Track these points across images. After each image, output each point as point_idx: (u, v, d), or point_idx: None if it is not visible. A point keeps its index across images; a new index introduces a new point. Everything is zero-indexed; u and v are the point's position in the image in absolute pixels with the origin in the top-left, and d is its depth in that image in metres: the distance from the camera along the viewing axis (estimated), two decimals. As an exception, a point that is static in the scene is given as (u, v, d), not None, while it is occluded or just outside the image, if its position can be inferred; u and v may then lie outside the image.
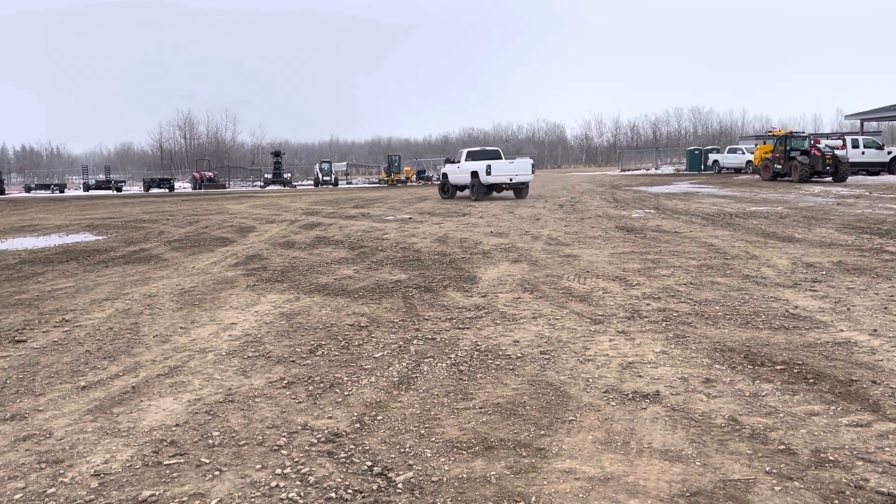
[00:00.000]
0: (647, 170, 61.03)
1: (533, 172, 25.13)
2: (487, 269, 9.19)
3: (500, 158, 25.51)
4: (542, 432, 3.79)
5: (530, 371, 4.85)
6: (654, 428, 3.81)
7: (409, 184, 53.38)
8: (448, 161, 28.17)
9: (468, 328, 6.09)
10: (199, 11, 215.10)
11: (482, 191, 24.79)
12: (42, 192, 60.08)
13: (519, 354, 5.24)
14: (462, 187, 26.50)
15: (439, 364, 5.05)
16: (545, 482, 3.22)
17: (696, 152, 52.47)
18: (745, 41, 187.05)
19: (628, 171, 62.53)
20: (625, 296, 7.24)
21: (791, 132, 33.65)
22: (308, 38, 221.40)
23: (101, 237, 15.48)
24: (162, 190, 55.34)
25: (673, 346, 5.34)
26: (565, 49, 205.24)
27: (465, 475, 3.30)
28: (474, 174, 24.65)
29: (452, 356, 5.24)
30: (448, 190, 27.21)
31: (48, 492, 3.21)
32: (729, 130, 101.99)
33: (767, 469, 3.29)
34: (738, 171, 43.75)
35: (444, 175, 27.61)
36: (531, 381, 4.63)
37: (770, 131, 39.54)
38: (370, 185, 56.06)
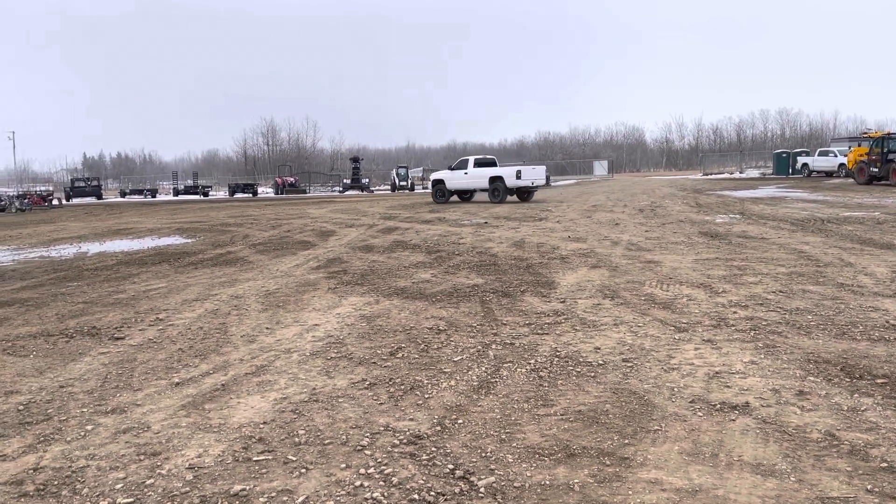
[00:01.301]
0: (731, 173, 59.07)
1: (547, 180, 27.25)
2: (566, 275, 9.10)
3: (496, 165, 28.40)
4: (626, 441, 3.71)
5: (612, 379, 4.77)
6: (745, 441, 3.67)
7: (484, 188, 53.37)
8: (450, 168, 29.51)
9: (547, 334, 6.04)
10: (281, 22, 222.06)
11: (506, 194, 26.52)
12: (136, 196, 63.19)
13: (600, 361, 5.16)
14: (462, 192, 28.61)
15: (519, 369, 5.03)
16: (630, 492, 3.15)
17: (784, 155, 50.38)
18: (836, 39, 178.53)
19: (711, 174, 60.68)
20: (710, 303, 7.02)
21: (889, 133, 31.82)
22: (386, 46, 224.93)
23: (190, 240, 16.16)
24: (246, 195, 57.27)
25: (763, 357, 5.14)
26: (644, 52, 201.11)
27: (547, 482, 3.27)
28: (498, 179, 26.48)
29: (532, 362, 5.20)
30: (444, 195, 28.60)
31: (147, 482, 3.37)
32: (819, 132, 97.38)
33: (868, 487, 3.12)
34: (829, 174, 41.78)
35: (440, 181, 28.95)
36: (613, 389, 4.55)
37: (866, 133, 37.59)
38: (446, 189, 56.33)
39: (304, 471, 3.45)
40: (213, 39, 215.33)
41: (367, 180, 61.39)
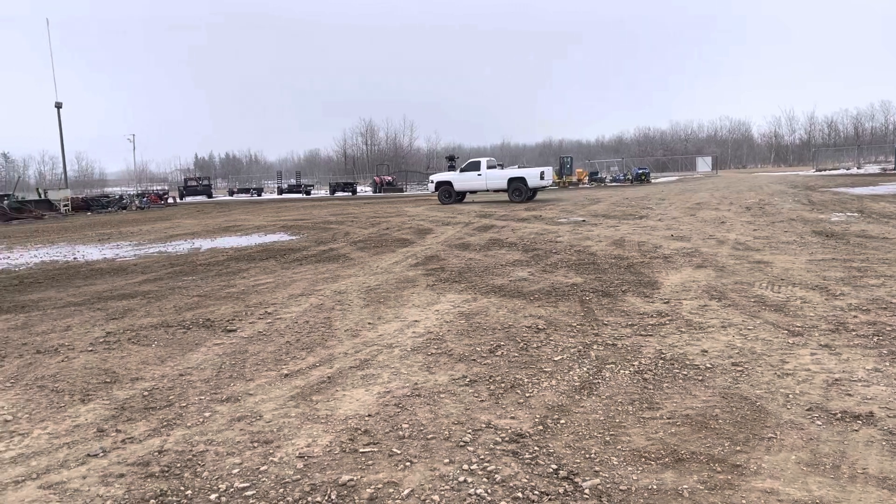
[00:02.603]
0: (847, 169, 55.55)
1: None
2: (669, 275, 8.83)
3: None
4: (738, 448, 3.57)
5: (721, 383, 4.59)
6: (869, 452, 3.45)
7: (580, 186, 52.61)
8: (451, 169, 31.18)
9: (651, 335, 5.88)
10: (383, 28, 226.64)
11: (527, 194, 28.36)
12: (242, 195, 66.18)
13: (708, 365, 4.98)
14: (463, 193, 29.96)
15: (622, 371, 4.93)
16: (744, 501, 3.03)
17: (908, 149, 46.89)
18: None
19: (824, 170, 57.30)
20: (827, 306, 6.64)
21: None
22: (479, 46, 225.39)
23: (294, 237, 16.75)
24: (345, 193, 58.85)
25: (888, 364, 4.81)
26: (752, 44, 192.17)
27: (654, 486, 3.19)
28: (520, 179, 28.30)
29: (636, 363, 5.08)
30: (451, 195, 29.71)
31: (261, 469, 3.52)
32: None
33: None
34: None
35: (446, 183, 30.10)
36: (723, 394, 4.38)
37: None
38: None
39: (408, 464, 3.51)
40: (317, 45, 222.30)
41: (463, 178, 61.63)
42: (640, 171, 56.34)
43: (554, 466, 3.43)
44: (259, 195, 64.31)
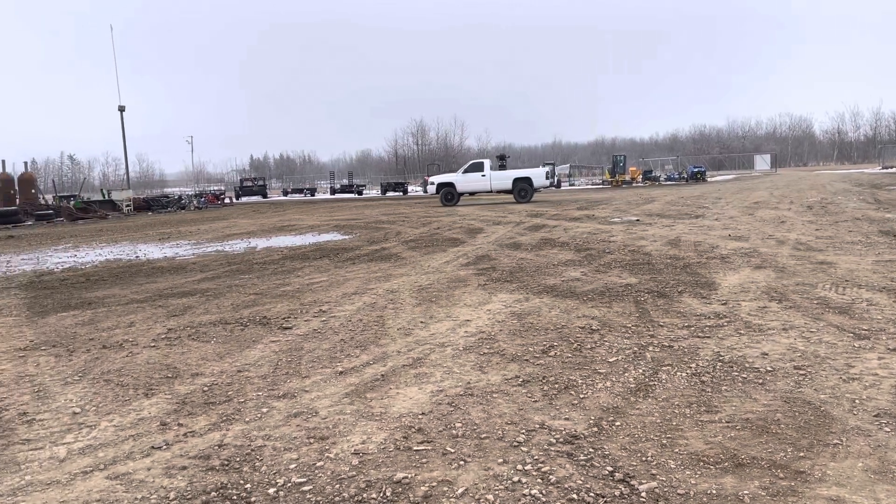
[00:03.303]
0: (916, 166, 53.31)
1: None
2: (727, 275, 8.62)
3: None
4: (802, 454, 3.46)
5: (783, 387, 4.46)
6: (943, 462, 3.30)
7: (634, 184, 51.82)
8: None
9: (708, 337, 5.75)
10: (433, 29, 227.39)
11: (532, 193, 29.91)
12: (296, 195, 67.34)
13: (769, 368, 4.85)
14: (467, 194, 30.87)
15: (678, 373, 4.84)
16: (808, 509, 2.94)
17: (982, 144, 44.72)
18: None
19: (892, 168, 55.09)
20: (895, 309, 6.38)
21: None
22: (530, 44, 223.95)
23: (347, 237, 16.96)
24: (396, 193, 59.30)
25: (962, 370, 4.60)
26: (814, 38, 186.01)
27: (713, 491, 3.12)
28: (525, 179, 29.74)
29: (693, 366, 4.98)
30: (453, 197, 30.42)
31: (317, 465, 3.58)
32: None
33: None
34: None
35: (448, 184, 30.71)
36: (785, 398, 4.25)
37: None
38: (593, 186, 55.28)
39: (462, 463, 3.52)
40: (370, 46, 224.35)
41: (514, 178, 61.45)
42: (696, 170, 55.20)
43: (609, 468, 3.39)
44: (312, 195, 65.33)
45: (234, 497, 3.26)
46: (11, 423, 4.43)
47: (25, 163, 46.55)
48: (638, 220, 17.77)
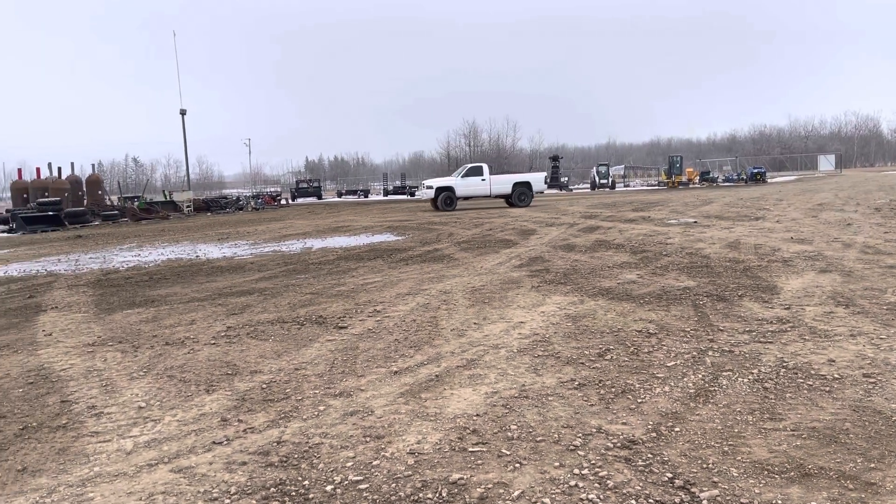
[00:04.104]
0: None
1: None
2: (789, 279, 8.36)
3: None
4: (872, 465, 3.32)
5: (851, 395, 4.30)
6: None
7: (690, 186, 50.77)
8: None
9: (771, 342, 5.59)
10: (485, 26, 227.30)
11: (531, 198, 30.42)
12: (350, 196, 68.20)
13: (836, 375, 4.68)
14: (461, 198, 30.39)
15: (740, 379, 4.71)
16: (880, 523, 2.82)
17: None
18: None
19: (965, 167, 52.57)
20: (972, 316, 6.09)
21: None
22: (584, 41, 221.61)
23: (399, 237, 17.08)
24: (448, 194, 59.33)
25: None
26: (878, 33, 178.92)
27: (779, 501, 3.03)
28: (525, 184, 30.29)
29: (755, 371, 4.84)
30: (453, 202, 29.79)
31: (373, 463, 3.61)
32: None
33: None
34: None
35: (448, 188, 30.02)
36: (854, 407, 4.10)
37: None
38: (649, 187, 54.35)
39: (518, 465, 3.50)
40: (421, 47, 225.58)
41: (566, 179, 60.98)
42: (756, 171, 53.75)
43: (669, 475, 3.32)
44: (366, 196, 66.08)
45: (293, 493, 3.31)
46: (81, 415, 4.59)
47: (93, 165, 48.41)
48: (695, 221, 17.40)
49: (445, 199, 29.75)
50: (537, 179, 30.92)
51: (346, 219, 26.99)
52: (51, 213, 31.12)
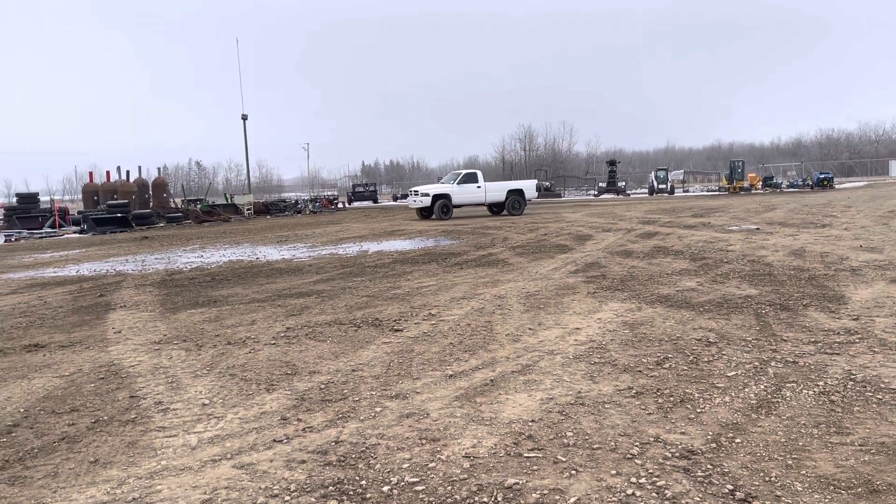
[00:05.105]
0: None
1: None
2: (858, 289, 8.07)
3: None
4: (947, 485, 3.19)
5: (924, 411, 4.13)
6: None
7: (753, 191, 49.42)
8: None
9: (838, 354, 5.41)
10: (539, 27, 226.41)
11: (524, 206, 30.10)
12: (405, 200, 68.60)
13: (908, 389, 4.50)
14: (459, 206, 29.31)
15: (804, 391, 4.58)
16: (955, 545, 2.70)
17: None
18: None
19: None
20: None
21: None
22: (643, 42, 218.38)
23: (454, 241, 17.14)
24: (503, 199, 59.17)
25: None
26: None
27: (845, 519, 2.93)
28: (518, 192, 29.87)
29: (821, 384, 4.70)
30: (449, 210, 28.52)
31: (429, 465, 3.65)
32: None
33: None
34: None
35: (445, 195, 28.61)
36: (927, 423, 3.93)
37: None
38: (708, 193, 53.15)
39: (573, 472, 3.48)
40: (477, 50, 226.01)
41: (624, 183, 60.11)
42: (822, 176, 51.98)
43: (730, 487, 3.25)
44: (421, 200, 66.32)
45: (351, 492, 3.37)
46: (148, 410, 4.77)
47: (158, 168, 50.16)
48: (758, 228, 16.94)
49: (442, 208, 28.31)
50: (529, 187, 30.63)
51: (401, 223, 27.22)
52: (119, 214, 32.35)
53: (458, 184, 29.11)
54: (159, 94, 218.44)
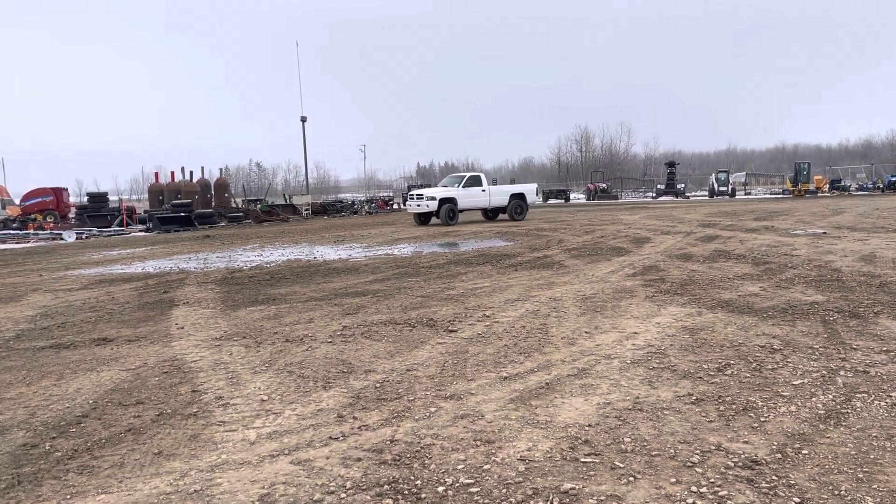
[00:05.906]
0: None
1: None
2: (934, 296, 7.69)
3: None
4: None
5: None
6: None
7: (819, 194, 47.76)
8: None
9: (912, 364, 5.16)
10: (597, 27, 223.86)
11: (527, 210, 29.10)
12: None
13: None
14: (462, 210, 27.73)
15: (877, 402, 4.38)
16: None
17: None
18: None
19: None
20: None
21: None
22: (706, 42, 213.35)
23: (509, 243, 17.07)
24: (558, 200, 58.79)
25: None
26: None
27: (922, 538, 2.80)
28: (520, 196, 28.77)
29: (893, 395, 4.50)
30: (455, 215, 26.87)
31: (484, 467, 3.63)
32: None
33: None
34: None
35: (451, 199, 26.89)
36: None
37: None
38: (772, 196, 51.59)
39: (632, 479, 3.41)
40: (529, 50, 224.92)
41: (683, 185, 58.89)
42: (894, 179, 49.86)
43: (796, 500, 3.13)
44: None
45: (405, 492, 3.38)
46: (209, 405, 4.89)
47: (220, 169, 51.49)
48: (824, 232, 16.36)
49: (448, 212, 26.37)
50: (530, 191, 29.77)
51: (455, 225, 27.27)
52: (182, 213, 33.34)
53: (462, 187, 27.43)
54: (221, 96, 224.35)
